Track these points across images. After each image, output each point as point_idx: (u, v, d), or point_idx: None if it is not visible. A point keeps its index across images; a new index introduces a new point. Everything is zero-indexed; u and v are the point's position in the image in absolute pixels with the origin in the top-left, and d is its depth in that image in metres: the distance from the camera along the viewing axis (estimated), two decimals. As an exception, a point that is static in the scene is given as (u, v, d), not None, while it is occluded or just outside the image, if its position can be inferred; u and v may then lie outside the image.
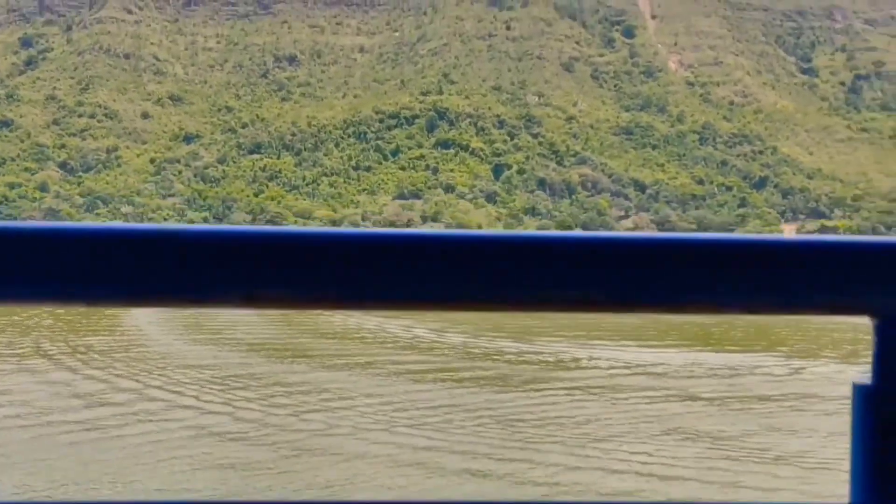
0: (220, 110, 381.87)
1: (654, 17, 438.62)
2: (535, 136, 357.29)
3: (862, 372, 1.82)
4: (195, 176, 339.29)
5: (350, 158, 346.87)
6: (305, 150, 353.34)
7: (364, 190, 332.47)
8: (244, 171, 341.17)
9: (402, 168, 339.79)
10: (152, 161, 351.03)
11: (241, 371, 59.43)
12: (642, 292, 1.79)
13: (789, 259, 1.78)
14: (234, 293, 1.85)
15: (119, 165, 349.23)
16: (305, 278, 1.81)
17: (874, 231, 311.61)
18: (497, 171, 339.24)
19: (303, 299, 1.86)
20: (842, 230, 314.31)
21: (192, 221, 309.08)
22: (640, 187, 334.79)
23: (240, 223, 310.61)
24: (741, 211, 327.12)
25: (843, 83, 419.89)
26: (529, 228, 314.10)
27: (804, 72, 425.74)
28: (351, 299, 1.88)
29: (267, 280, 1.82)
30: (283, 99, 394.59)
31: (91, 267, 1.77)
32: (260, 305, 1.86)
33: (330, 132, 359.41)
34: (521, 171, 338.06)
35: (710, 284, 1.77)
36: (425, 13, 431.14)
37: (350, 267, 1.81)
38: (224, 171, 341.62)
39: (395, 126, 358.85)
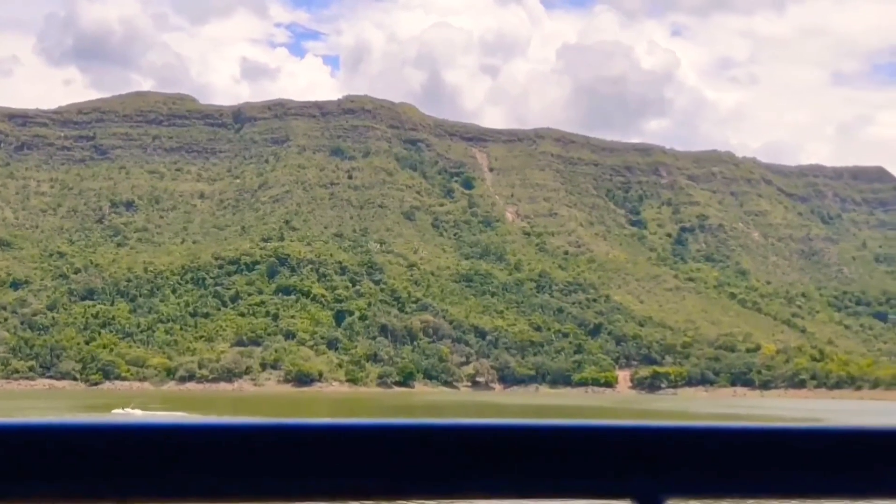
0: (51, 255, 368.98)
1: (491, 169, 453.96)
2: (376, 282, 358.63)
3: None
4: (22, 323, 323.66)
5: (187, 304, 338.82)
6: (141, 296, 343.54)
7: (201, 337, 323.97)
8: (75, 317, 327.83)
9: (242, 314, 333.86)
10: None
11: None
12: (408, 482, 1.75)
13: (553, 444, 1.80)
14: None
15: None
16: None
17: (703, 377, 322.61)
18: (339, 317, 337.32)
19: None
20: (673, 376, 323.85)
21: (16, 370, 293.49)
22: (481, 333, 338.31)
23: (68, 371, 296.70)
24: (577, 357, 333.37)
25: (669, 235, 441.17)
26: (371, 375, 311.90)
27: (633, 224, 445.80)
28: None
29: None
30: (119, 244, 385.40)
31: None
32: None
33: (167, 278, 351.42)
34: (363, 318, 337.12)
35: (479, 472, 1.76)
36: (267, 161, 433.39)
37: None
38: (54, 317, 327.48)
39: (235, 272, 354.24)
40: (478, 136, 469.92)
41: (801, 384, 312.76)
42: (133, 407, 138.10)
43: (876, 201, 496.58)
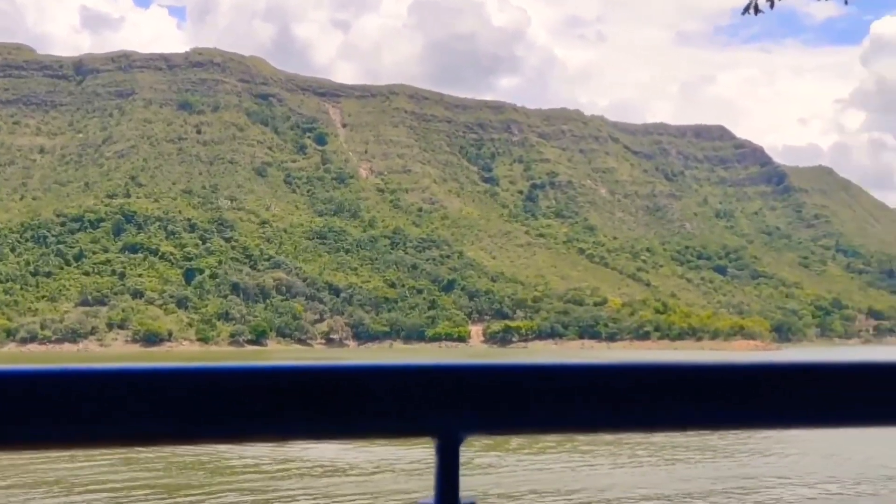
0: None
1: (344, 125, 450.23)
2: (227, 239, 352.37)
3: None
4: None
5: (28, 264, 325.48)
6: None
7: (44, 297, 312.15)
8: None
9: (87, 273, 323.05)
10: None
11: None
12: (195, 425, 1.73)
13: (350, 385, 1.80)
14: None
15: None
16: None
17: (553, 330, 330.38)
18: (188, 275, 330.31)
19: None
20: (524, 330, 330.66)
21: None
22: (335, 291, 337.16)
23: None
24: (431, 313, 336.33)
25: (520, 192, 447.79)
26: (223, 333, 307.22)
27: (486, 180, 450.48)
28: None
29: None
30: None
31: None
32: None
33: (5, 236, 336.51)
34: (213, 276, 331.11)
35: (273, 412, 1.76)
36: (111, 115, 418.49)
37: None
38: None
39: (79, 230, 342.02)
40: (331, 92, 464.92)
41: (645, 336, 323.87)
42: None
43: (717, 159, 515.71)
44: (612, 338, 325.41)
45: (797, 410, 1.99)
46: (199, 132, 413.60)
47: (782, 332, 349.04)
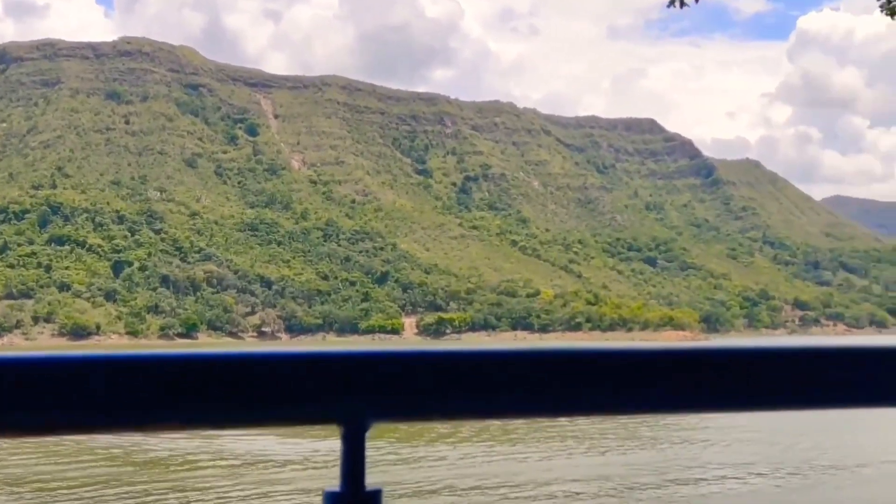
0: None
1: (276, 116, 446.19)
2: (157, 231, 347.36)
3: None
4: None
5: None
6: None
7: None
8: None
9: (11, 266, 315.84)
10: None
11: None
12: (104, 414, 1.70)
13: (256, 372, 1.78)
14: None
15: None
16: None
17: (486, 322, 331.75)
18: (117, 267, 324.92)
19: None
20: (457, 322, 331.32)
21: None
22: (267, 283, 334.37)
23: None
24: (364, 305, 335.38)
25: (454, 184, 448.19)
26: (153, 327, 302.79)
27: (419, 172, 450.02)
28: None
29: None
30: None
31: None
32: None
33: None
34: (142, 268, 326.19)
35: (175, 401, 1.72)
36: (36, 104, 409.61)
37: None
38: None
39: (3, 221, 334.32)
40: (262, 82, 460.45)
41: (577, 327, 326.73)
42: None
43: (647, 151, 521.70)
44: (544, 329, 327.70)
45: (701, 396, 2.00)
46: (127, 122, 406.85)
47: (711, 323, 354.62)
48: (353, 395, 1.82)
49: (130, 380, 1.70)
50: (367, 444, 1.83)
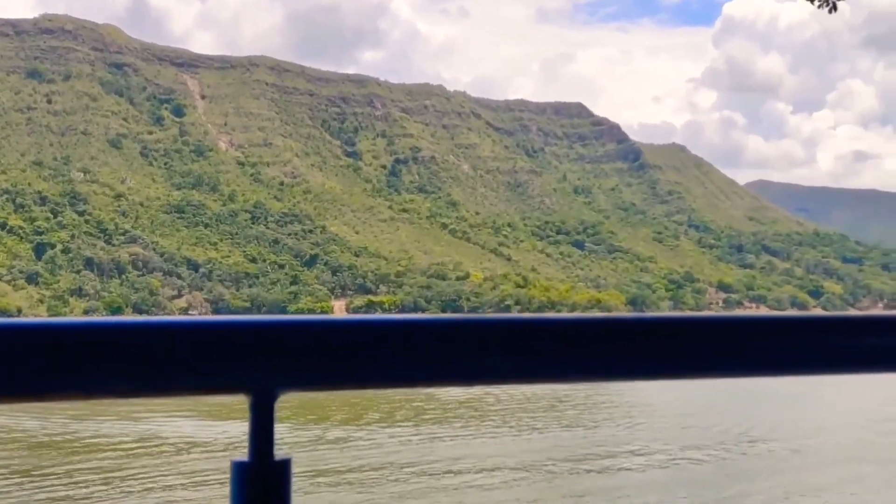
0: None
1: (203, 96, 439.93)
2: (80, 213, 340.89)
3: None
4: None
5: None
6: None
7: None
8: None
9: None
10: None
11: None
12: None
13: (159, 340, 1.75)
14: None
15: None
16: None
17: (416, 305, 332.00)
18: (39, 250, 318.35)
19: None
20: (387, 304, 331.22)
21: None
22: (193, 266, 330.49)
23: None
24: (293, 288, 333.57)
25: (384, 166, 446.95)
26: (76, 310, 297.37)
27: (349, 155, 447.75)
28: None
29: None
30: None
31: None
32: None
33: None
34: (65, 251, 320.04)
35: (77, 369, 1.68)
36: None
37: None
38: None
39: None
40: (189, 62, 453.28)
41: (506, 309, 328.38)
42: None
43: (576, 135, 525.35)
44: (474, 311, 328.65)
45: (632, 364, 2.04)
46: (49, 102, 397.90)
47: (637, 305, 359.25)
48: (261, 363, 1.81)
49: (29, 347, 1.66)
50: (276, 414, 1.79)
